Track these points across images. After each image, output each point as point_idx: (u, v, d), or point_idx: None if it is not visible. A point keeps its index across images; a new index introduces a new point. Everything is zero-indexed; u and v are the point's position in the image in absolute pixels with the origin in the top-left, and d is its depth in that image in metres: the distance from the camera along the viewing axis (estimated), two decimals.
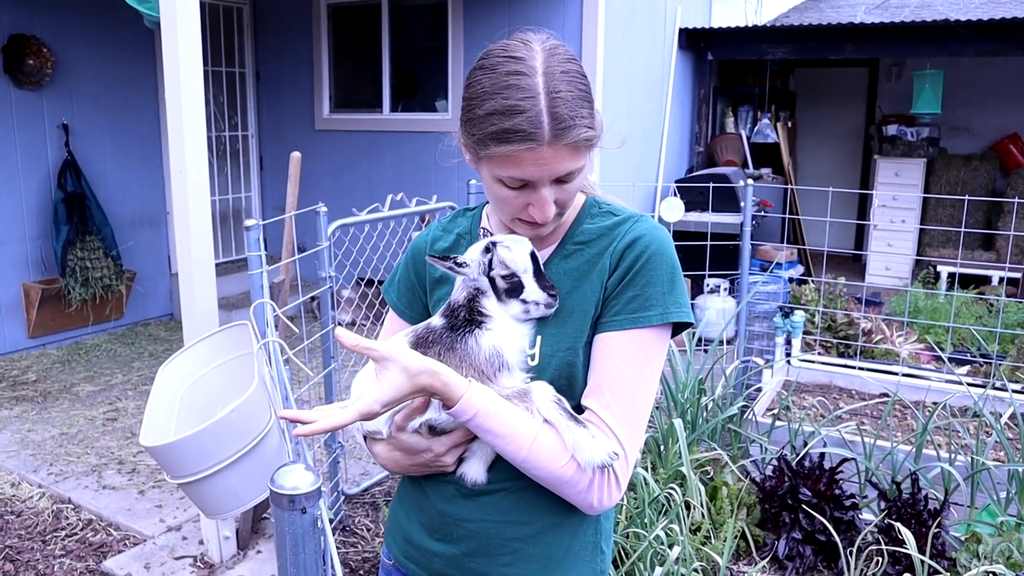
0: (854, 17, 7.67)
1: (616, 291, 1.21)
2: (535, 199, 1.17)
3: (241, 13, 7.02)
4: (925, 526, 2.83)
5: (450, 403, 1.13)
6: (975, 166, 8.39)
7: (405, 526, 1.36)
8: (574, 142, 1.12)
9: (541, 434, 1.14)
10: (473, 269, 1.23)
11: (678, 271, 1.23)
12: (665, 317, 1.19)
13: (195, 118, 2.96)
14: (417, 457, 1.25)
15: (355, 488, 3.66)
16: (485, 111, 1.13)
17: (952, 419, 3.52)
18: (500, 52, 1.15)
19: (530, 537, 1.25)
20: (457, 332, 1.21)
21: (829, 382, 4.79)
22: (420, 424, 1.23)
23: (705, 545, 2.94)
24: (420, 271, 1.38)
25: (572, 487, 1.16)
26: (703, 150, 7.89)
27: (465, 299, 1.23)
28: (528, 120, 1.10)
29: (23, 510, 3.57)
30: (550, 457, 1.14)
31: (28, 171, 5.52)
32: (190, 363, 2.71)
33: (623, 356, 1.19)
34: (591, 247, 1.26)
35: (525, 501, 1.24)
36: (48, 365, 5.40)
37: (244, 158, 7.21)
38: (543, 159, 1.12)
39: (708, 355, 3.72)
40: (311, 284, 3.51)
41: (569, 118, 1.11)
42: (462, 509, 1.27)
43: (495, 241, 1.24)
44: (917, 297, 6.13)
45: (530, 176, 1.14)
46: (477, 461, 1.25)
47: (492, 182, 1.19)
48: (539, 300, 1.21)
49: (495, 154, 1.14)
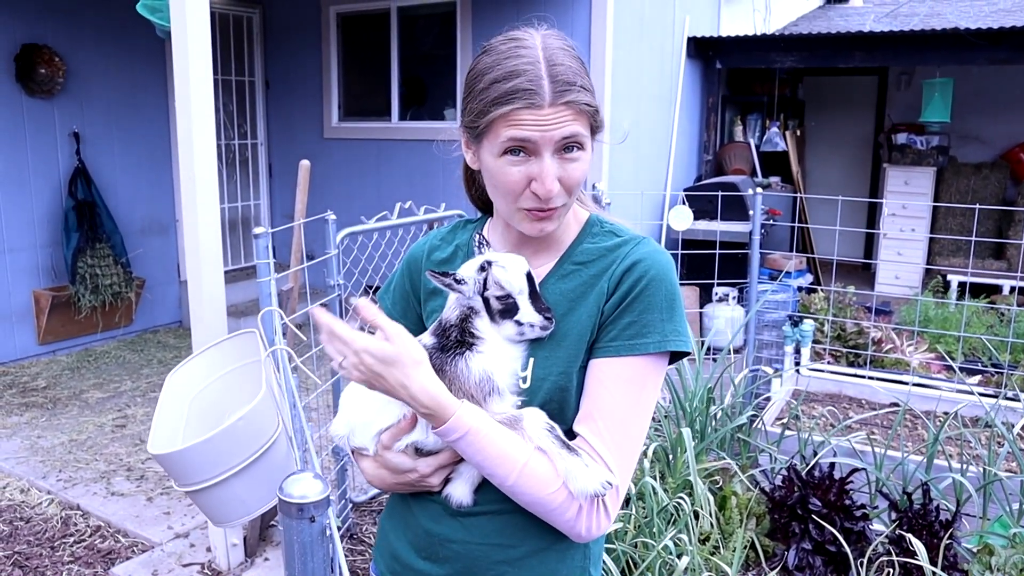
0: (863, 25, 7.65)
1: (613, 316, 1.18)
2: (538, 171, 1.13)
3: (251, 22, 7.06)
4: (937, 537, 2.81)
5: (440, 420, 1.11)
6: (985, 175, 8.35)
7: (392, 543, 1.33)
8: (575, 103, 1.12)
9: (532, 460, 1.12)
10: (469, 287, 1.19)
11: (678, 297, 1.20)
12: (663, 345, 1.16)
13: (205, 126, 2.97)
14: (402, 476, 1.23)
15: (362, 496, 3.65)
16: (486, 82, 1.13)
17: (963, 429, 3.49)
18: (500, 37, 1.18)
19: (516, 560, 1.22)
20: (447, 353, 1.18)
21: (839, 391, 4.76)
22: (407, 445, 1.21)
23: (714, 555, 2.92)
24: (415, 280, 1.36)
25: (560, 515, 1.13)
26: (712, 159, 7.88)
27: (457, 319, 1.20)
28: (528, 79, 1.10)
29: (32, 516, 3.58)
30: (540, 484, 1.11)
31: (39, 179, 5.56)
32: (198, 370, 2.71)
33: (618, 384, 1.15)
34: (589, 268, 1.22)
35: (512, 524, 1.21)
36: (58, 372, 5.41)
37: (253, 166, 7.24)
38: (544, 119, 1.10)
39: (717, 364, 3.71)
40: (320, 292, 3.52)
41: (568, 81, 1.12)
42: (448, 529, 1.24)
43: (490, 260, 1.20)
44: (927, 306, 6.10)
45: (530, 137, 1.11)
46: (464, 482, 1.22)
47: (493, 162, 1.16)
48: (534, 322, 1.17)
49: (496, 116, 1.12)
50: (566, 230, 1.27)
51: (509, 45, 1.15)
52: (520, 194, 1.16)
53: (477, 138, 1.18)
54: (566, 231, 1.28)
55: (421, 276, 1.35)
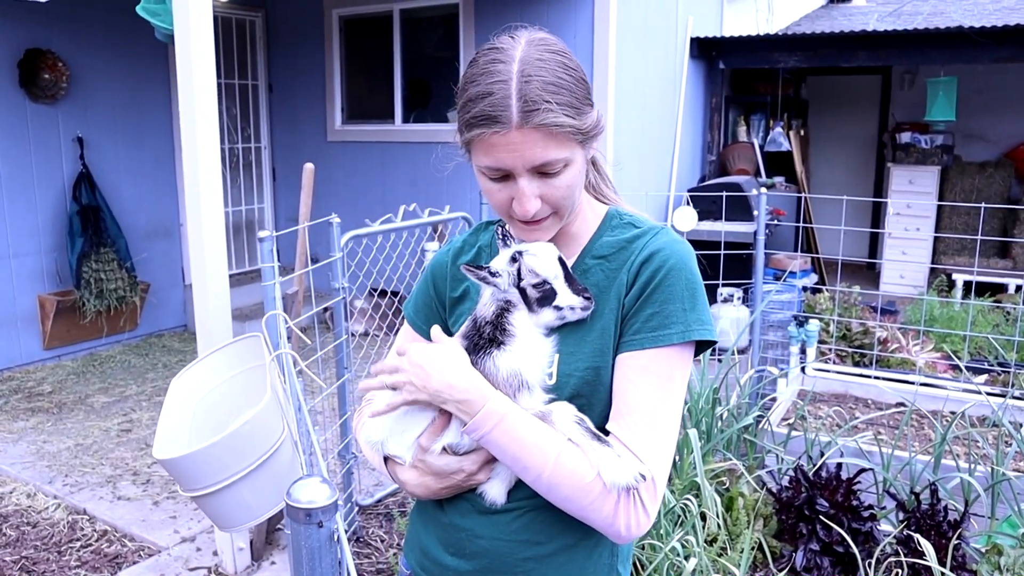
0: (866, 25, 7.64)
1: (634, 309, 1.17)
2: (516, 192, 1.13)
3: (254, 26, 7.06)
4: (945, 537, 2.79)
5: (474, 409, 1.12)
6: (990, 173, 8.32)
7: (422, 537, 1.35)
8: (544, 125, 1.08)
9: (565, 451, 1.11)
10: (504, 280, 1.19)
11: (699, 286, 1.19)
12: (686, 335, 1.15)
13: (209, 130, 2.98)
14: (448, 479, 1.23)
15: (369, 499, 3.65)
16: (464, 99, 1.13)
17: (971, 429, 3.48)
18: (486, 45, 1.17)
19: (543, 558, 1.22)
20: (477, 353, 1.18)
21: (845, 391, 4.74)
22: (441, 448, 1.21)
23: (721, 557, 2.91)
24: (440, 287, 1.36)
25: (597, 511, 1.11)
26: (715, 159, 7.87)
27: (493, 314, 1.20)
28: (495, 101, 1.08)
29: (39, 521, 3.58)
30: (575, 476, 1.10)
31: (44, 184, 5.57)
32: (203, 375, 2.71)
33: (644, 377, 1.15)
34: (610, 261, 1.22)
35: (540, 521, 1.22)
36: (63, 376, 5.42)
37: (257, 169, 7.24)
38: (513, 144, 1.09)
39: (722, 365, 3.70)
40: (324, 295, 3.52)
41: (538, 101, 1.08)
42: (476, 525, 1.25)
43: (520, 250, 1.20)
44: (933, 305, 6.07)
45: (502, 164, 1.11)
46: (500, 481, 1.22)
47: (479, 175, 1.17)
48: (574, 304, 1.17)
49: (473, 139, 1.12)
50: (584, 224, 1.27)
51: (488, 58, 1.13)
52: (507, 209, 1.17)
53: (465, 147, 1.18)
54: (584, 225, 1.27)
55: (447, 282, 1.34)
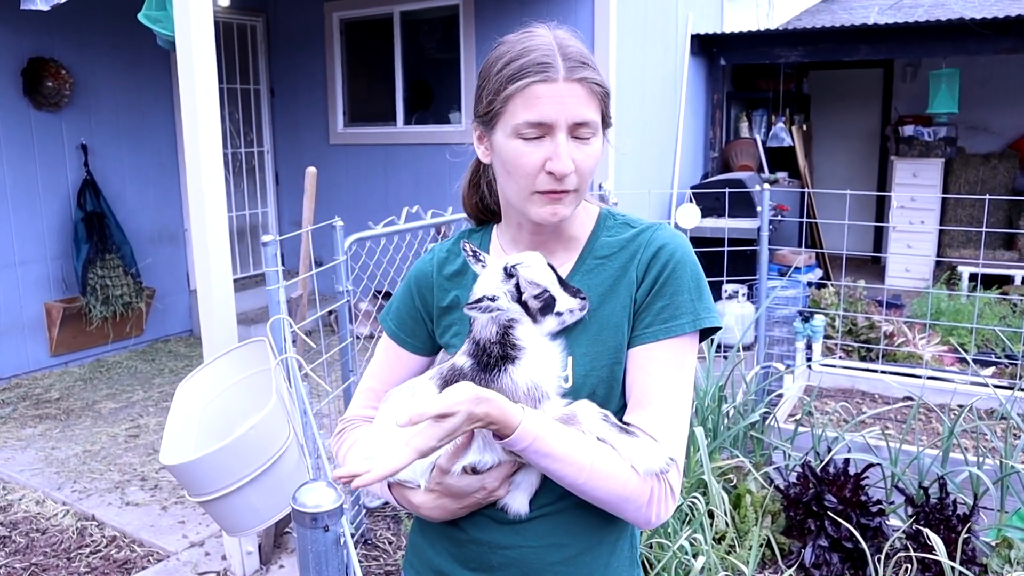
0: (867, 18, 7.62)
1: (646, 302, 1.21)
2: (553, 150, 1.14)
3: (255, 30, 7.08)
4: (954, 531, 2.78)
5: (507, 431, 1.08)
6: (994, 165, 8.29)
7: (432, 559, 1.31)
8: (587, 80, 1.15)
9: (598, 453, 1.12)
10: (504, 300, 1.18)
11: (702, 276, 1.24)
12: (696, 324, 1.20)
13: (211, 136, 2.98)
14: (468, 499, 1.21)
15: (376, 501, 3.65)
16: (500, 65, 1.17)
17: (979, 422, 3.47)
18: (512, 33, 1.22)
19: (571, 559, 1.23)
20: (490, 372, 1.16)
21: (851, 386, 4.74)
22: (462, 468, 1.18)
23: (730, 554, 2.91)
24: (426, 297, 1.35)
25: (632, 504, 1.13)
26: (718, 155, 7.86)
27: (496, 335, 1.18)
28: (542, 55, 1.14)
29: (48, 527, 3.60)
30: (611, 474, 1.12)
31: (48, 191, 5.58)
32: (209, 380, 2.72)
33: (660, 368, 1.18)
34: (613, 260, 1.24)
35: (564, 523, 1.22)
36: (70, 383, 5.44)
37: (260, 174, 7.25)
38: (559, 95, 1.13)
39: (728, 361, 3.69)
40: (328, 298, 3.52)
41: (580, 60, 1.16)
42: (500, 536, 1.24)
43: (512, 264, 1.19)
44: (939, 298, 6.06)
45: (546, 116, 1.13)
46: (522, 493, 1.21)
47: (508, 144, 1.17)
48: (572, 307, 1.19)
49: (512, 92, 1.14)
50: (580, 226, 1.28)
51: (521, 35, 1.20)
52: (535, 176, 1.16)
53: (491, 123, 1.19)
54: (580, 227, 1.28)
55: (433, 291, 1.34)
